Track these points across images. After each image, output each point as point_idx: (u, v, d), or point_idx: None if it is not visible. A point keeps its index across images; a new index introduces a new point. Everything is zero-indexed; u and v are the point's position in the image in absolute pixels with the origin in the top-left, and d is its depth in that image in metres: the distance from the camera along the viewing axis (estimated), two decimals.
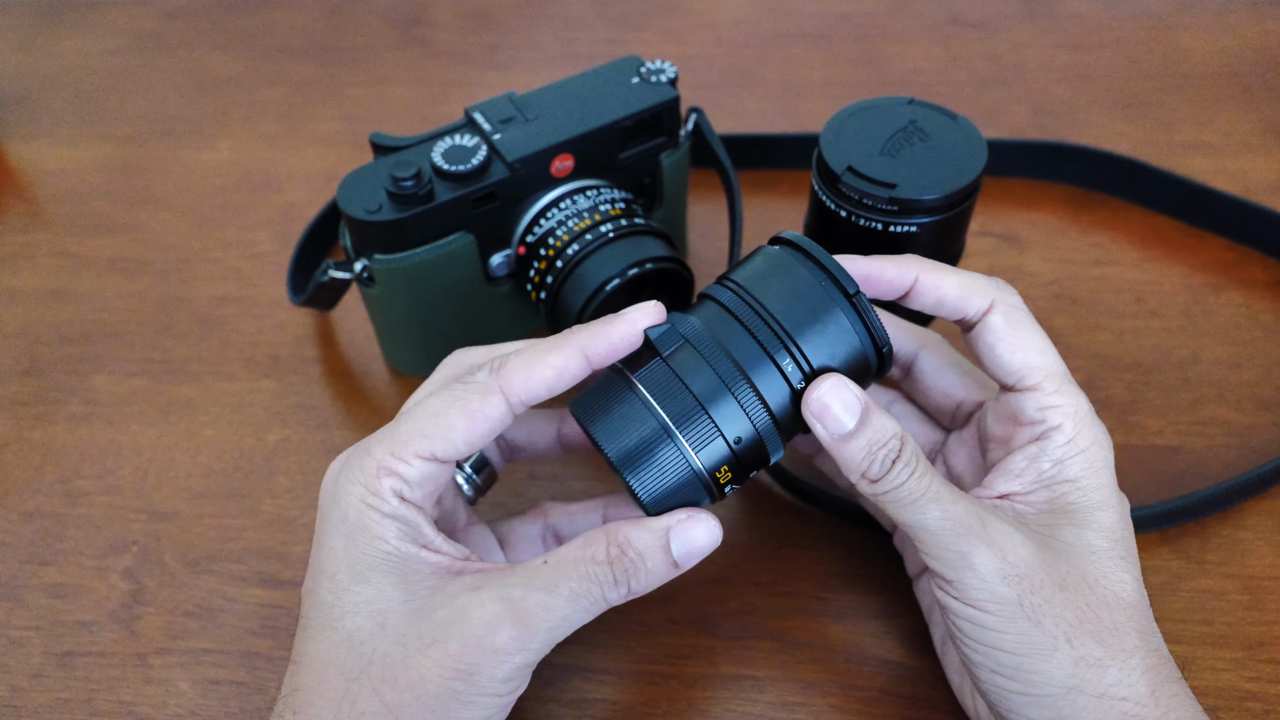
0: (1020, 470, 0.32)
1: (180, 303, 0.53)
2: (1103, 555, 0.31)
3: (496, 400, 0.31)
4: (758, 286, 0.32)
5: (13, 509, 0.45)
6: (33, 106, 0.67)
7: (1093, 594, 0.30)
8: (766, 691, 0.37)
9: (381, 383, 0.49)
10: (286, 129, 0.64)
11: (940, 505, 0.30)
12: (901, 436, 0.31)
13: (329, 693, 0.29)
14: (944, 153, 0.39)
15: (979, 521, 0.30)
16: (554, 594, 0.29)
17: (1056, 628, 0.29)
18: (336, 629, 0.30)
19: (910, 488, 0.30)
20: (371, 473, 0.30)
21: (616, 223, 0.42)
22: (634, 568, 0.30)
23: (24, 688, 0.38)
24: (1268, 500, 0.42)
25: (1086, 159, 0.56)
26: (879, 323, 0.31)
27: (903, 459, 0.30)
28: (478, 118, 0.43)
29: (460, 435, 0.30)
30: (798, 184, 0.59)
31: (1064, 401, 0.32)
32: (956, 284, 0.33)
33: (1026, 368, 0.32)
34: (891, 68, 0.67)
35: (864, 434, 0.30)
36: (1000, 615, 0.30)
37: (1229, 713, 0.36)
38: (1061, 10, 0.71)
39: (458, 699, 0.29)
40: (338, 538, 0.30)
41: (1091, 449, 0.32)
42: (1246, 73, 0.64)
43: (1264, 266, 0.52)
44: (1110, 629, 0.30)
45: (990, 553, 0.30)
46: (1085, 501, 0.32)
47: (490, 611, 0.29)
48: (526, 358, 0.31)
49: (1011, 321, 0.33)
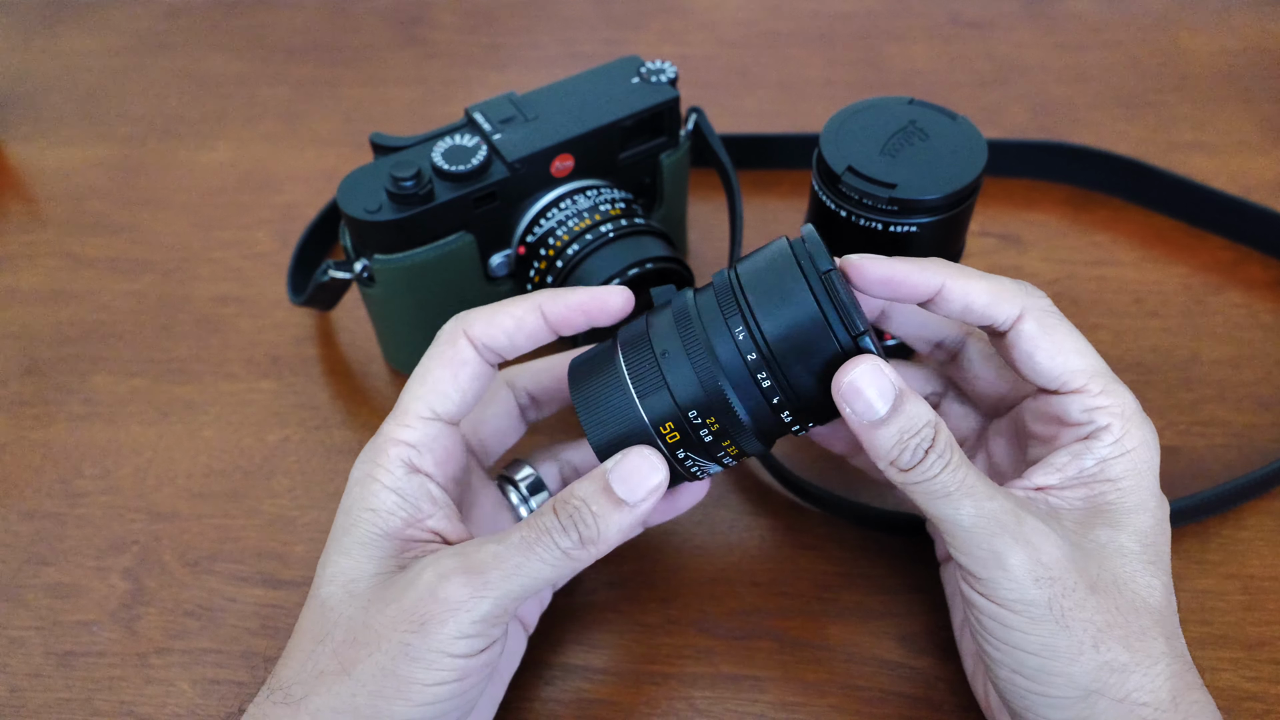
0: (1062, 465, 0.32)
1: (180, 303, 0.53)
2: (1134, 558, 0.30)
3: (464, 344, 0.32)
4: (745, 265, 0.32)
5: (13, 509, 0.45)
6: (33, 106, 0.67)
7: (1122, 597, 0.30)
8: (766, 691, 0.37)
9: (381, 383, 0.49)
10: (286, 129, 0.64)
11: (974, 500, 0.29)
12: (936, 425, 0.29)
13: (298, 654, 0.30)
14: (944, 153, 0.39)
15: (1014, 518, 0.29)
16: (504, 543, 0.30)
17: (1084, 632, 0.29)
18: (315, 598, 0.31)
19: (944, 480, 0.29)
20: (380, 447, 0.32)
21: (616, 223, 0.42)
22: (578, 513, 0.30)
23: (24, 688, 0.38)
24: (1268, 501, 0.42)
25: (1086, 159, 0.56)
26: (848, 301, 0.29)
27: (936, 449, 0.29)
28: (478, 118, 0.43)
29: (448, 385, 0.32)
30: (798, 184, 0.59)
31: (1110, 401, 0.31)
32: (985, 290, 0.32)
33: (1069, 371, 0.31)
34: (891, 68, 0.67)
35: (896, 421, 0.29)
36: (1029, 617, 0.29)
37: (1229, 713, 0.36)
38: (1061, 10, 0.71)
39: (408, 653, 0.28)
40: (339, 514, 0.32)
41: (1138, 450, 0.31)
42: (1246, 73, 0.64)
43: (1264, 266, 0.52)
44: (1138, 633, 0.29)
45: (1024, 553, 0.29)
46: (1123, 503, 0.31)
47: (444, 565, 0.29)
48: (488, 308, 0.33)
49: (1045, 326, 0.32)
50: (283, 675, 0.30)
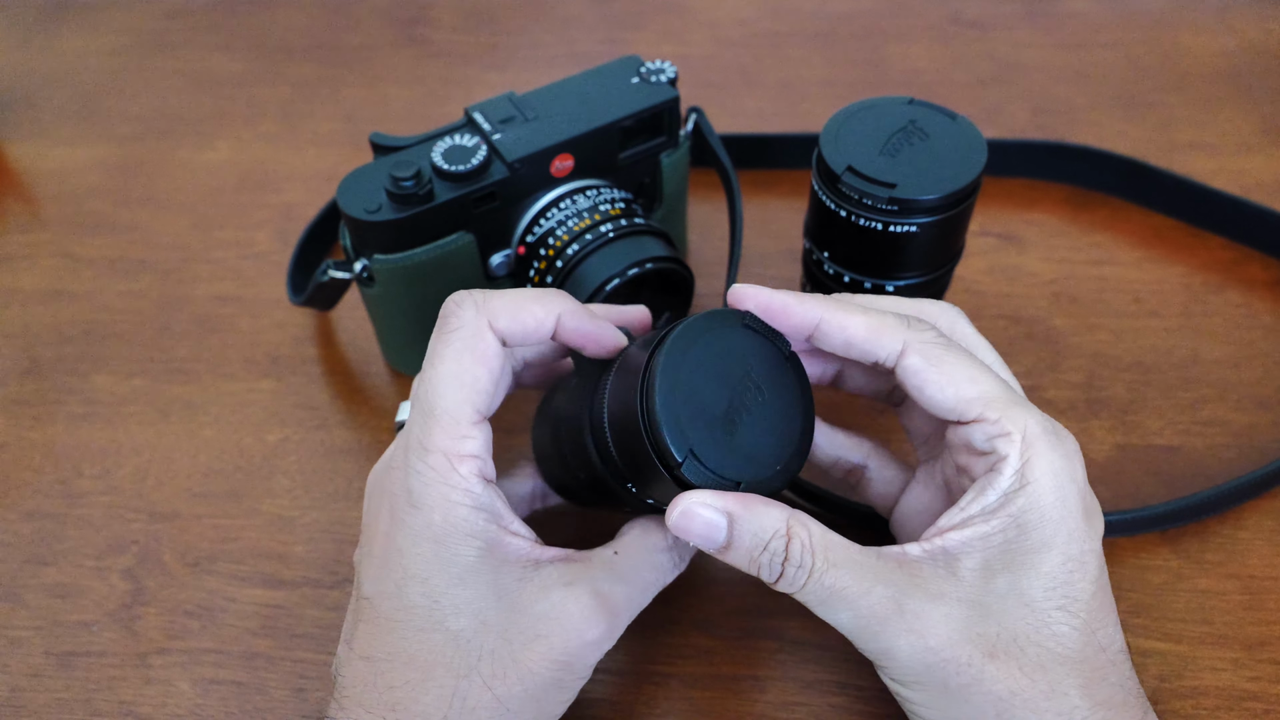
0: (965, 505, 0.30)
1: (180, 303, 0.53)
2: (1037, 607, 0.29)
3: (491, 338, 0.31)
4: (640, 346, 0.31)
5: (13, 509, 0.45)
6: (33, 106, 0.67)
7: (1025, 657, 0.28)
8: (766, 691, 0.37)
9: (381, 383, 0.49)
10: (286, 129, 0.64)
11: (848, 603, 0.29)
12: (787, 534, 0.29)
13: (436, 689, 0.30)
14: (944, 153, 0.39)
15: (895, 608, 0.28)
16: (634, 585, 0.32)
17: (986, 702, 0.28)
18: (439, 630, 0.30)
19: (813, 590, 0.29)
20: (446, 468, 0.30)
21: (616, 223, 0.42)
22: (685, 549, 0.33)
23: (24, 688, 0.38)
24: (1268, 500, 0.42)
25: (1086, 159, 0.56)
26: (666, 427, 0.28)
27: (792, 561, 0.29)
28: (478, 118, 0.43)
29: (486, 382, 0.31)
30: (798, 184, 0.59)
31: (1010, 428, 0.29)
32: (863, 324, 0.31)
33: (961, 401, 0.30)
34: (891, 68, 0.67)
35: (739, 543, 0.29)
36: (928, 692, 0.29)
37: (1229, 713, 0.36)
38: (1061, 10, 0.71)
39: (559, 686, 0.31)
40: (424, 543, 0.30)
41: (1041, 480, 0.29)
42: (1246, 73, 0.64)
43: (1264, 266, 0.52)
44: (1045, 693, 0.28)
45: (908, 640, 0.28)
46: (1024, 542, 0.29)
47: (585, 605, 0.30)
48: (507, 298, 0.32)
49: (930, 358, 0.30)
50: (427, 714, 0.29)
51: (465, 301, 0.32)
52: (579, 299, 0.41)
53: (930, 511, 0.35)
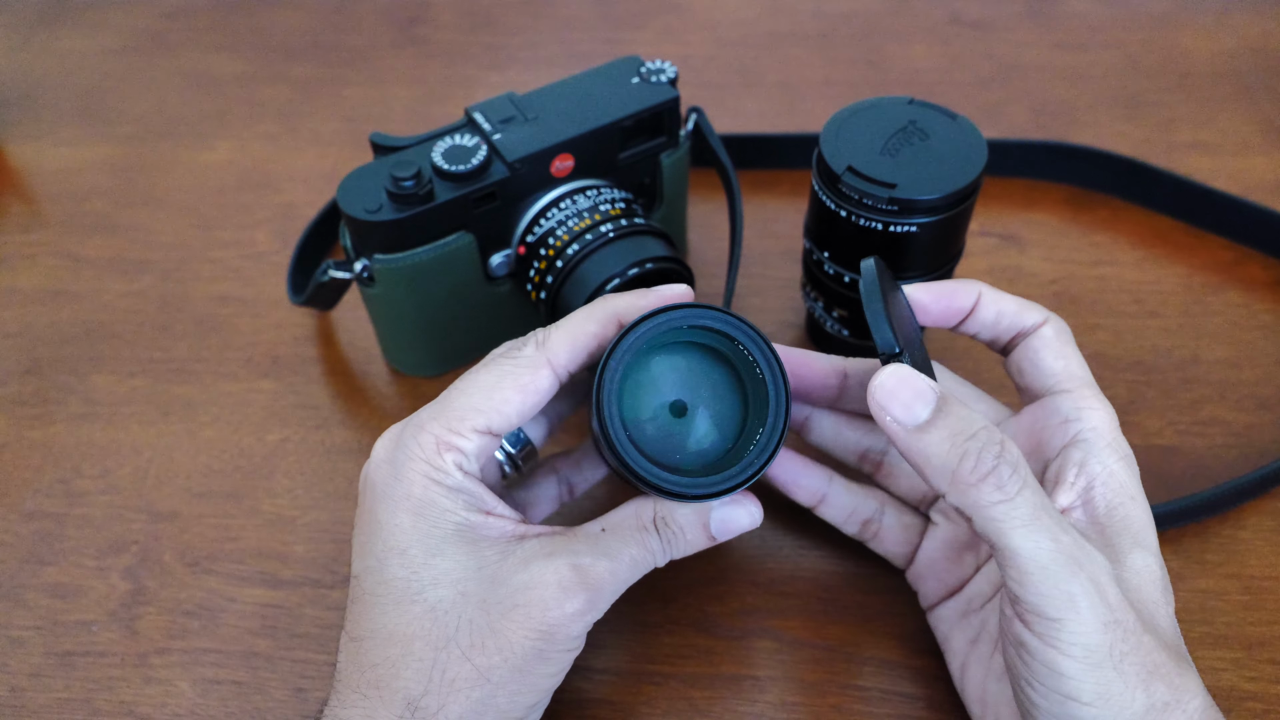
0: (1071, 479, 0.30)
1: (180, 303, 0.53)
2: (1157, 585, 0.29)
3: (545, 373, 0.32)
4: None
5: (13, 509, 0.45)
6: (33, 106, 0.67)
7: (1159, 632, 0.28)
8: (766, 691, 0.37)
9: (381, 383, 0.49)
10: (286, 129, 0.64)
11: (1052, 534, 0.26)
12: (1000, 439, 0.27)
13: (416, 663, 0.30)
14: (944, 153, 0.39)
15: (1085, 554, 0.27)
16: (617, 560, 0.31)
17: (1136, 675, 0.27)
18: (418, 602, 0.30)
19: (1023, 502, 0.26)
20: (432, 449, 0.31)
21: (616, 223, 0.42)
22: (676, 538, 0.33)
23: (24, 688, 0.38)
24: (1268, 501, 0.42)
25: (1086, 159, 0.56)
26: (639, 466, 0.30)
27: (1006, 459, 0.27)
28: (478, 118, 0.43)
29: (514, 409, 0.31)
30: (798, 184, 0.59)
31: (1100, 405, 0.32)
32: (1014, 301, 0.34)
33: (1068, 374, 0.33)
34: (892, 68, 0.67)
35: (945, 421, 0.27)
36: (1088, 663, 0.27)
37: (1229, 713, 0.36)
38: (1061, 10, 0.71)
39: (540, 657, 0.30)
40: (402, 514, 0.31)
41: (1130, 457, 0.31)
42: (1246, 73, 0.64)
43: (1264, 266, 0.52)
44: (1176, 670, 0.28)
45: (1096, 595, 0.27)
46: (1141, 516, 0.30)
47: (565, 577, 0.30)
48: (569, 330, 0.32)
49: (1062, 338, 0.34)
50: (408, 690, 0.29)
51: (530, 339, 0.33)
52: (579, 299, 0.41)
53: (951, 559, 0.36)
